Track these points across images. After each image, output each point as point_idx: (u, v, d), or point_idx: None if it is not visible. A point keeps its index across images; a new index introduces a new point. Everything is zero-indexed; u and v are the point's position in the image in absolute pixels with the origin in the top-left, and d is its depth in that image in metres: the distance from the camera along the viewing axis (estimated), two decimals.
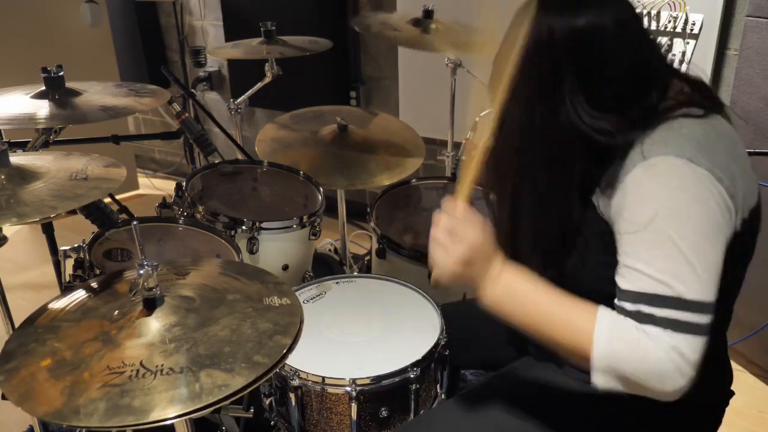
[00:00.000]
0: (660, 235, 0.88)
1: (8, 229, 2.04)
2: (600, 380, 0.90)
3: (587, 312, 0.92)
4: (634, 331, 0.88)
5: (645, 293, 0.88)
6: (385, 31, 2.09)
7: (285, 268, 1.78)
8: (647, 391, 0.88)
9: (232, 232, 1.67)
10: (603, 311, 0.91)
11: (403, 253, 1.70)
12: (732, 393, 1.15)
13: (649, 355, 0.86)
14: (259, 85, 2.27)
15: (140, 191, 3.73)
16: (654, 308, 0.87)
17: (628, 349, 0.87)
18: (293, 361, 1.26)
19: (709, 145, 0.92)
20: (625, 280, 0.91)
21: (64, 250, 1.56)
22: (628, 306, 0.89)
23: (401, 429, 1.26)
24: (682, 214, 0.88)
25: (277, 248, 1.75)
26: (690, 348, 0.86)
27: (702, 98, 0.98)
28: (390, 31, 2.09)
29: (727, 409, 1.15)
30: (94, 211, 1.64)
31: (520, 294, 0.97)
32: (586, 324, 0.91)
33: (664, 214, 0.89)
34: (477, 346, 1.43)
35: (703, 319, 0.86)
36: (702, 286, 0.87)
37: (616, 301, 0.92)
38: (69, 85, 1.64)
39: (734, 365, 2.18)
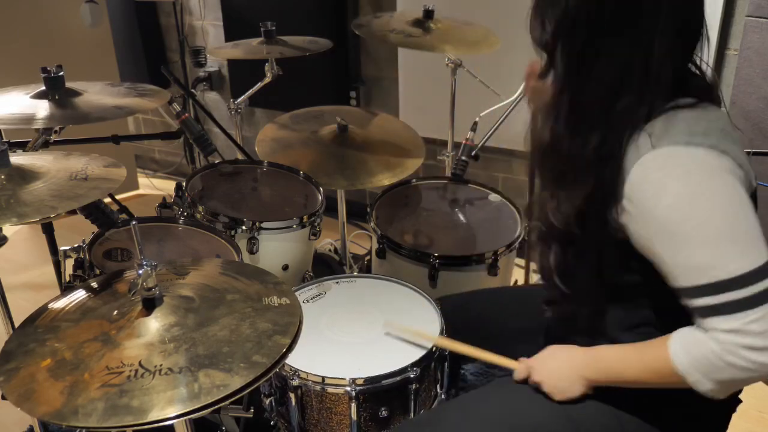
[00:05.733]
0: (684, 226, 0.88)
1: (8, 229, 2.05)
2: (707, 389, 0.92)
3: (657, 342, 0.97)
4: (700, 333, 0.91)
5: (698, 285, 0.89)
6: (386, 34, 2.09)
7: (285, 268, 1.78)
8: (739, 382, 0.91)
9: (232, 232, 1.67)
10: (673, 334, 0.95)
11: (403, 253, 1.70)
12: (739, 400, 1.14)
13: (710, 348, 0.89)
14: (259, 85, 2.27)
15: (140, 191, 3.73)
16: (709, 297, 0.88)
17: (704, 351, 0.90)
18: (293, 361, 1.26)
19: (702, 129, 0.91)
20: (677, 279, 0.92)
21: (64, 250, 1.56)
22: (695, 302, 0.90)
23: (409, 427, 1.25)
24: (696, 197, 0.88)
25: (277, 248, 1.75)
26: (750, 324, 0.86)
27: (696, 88, 0.98)
28: (391, 34, 2.09)
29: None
30: (94, 211, 1.64)
31: (606, 369, 1.05)
32: (660, 351, 0.95)
33: (680, 204, 0.89)
34: (476, 339, 1.42)
35: (753, 289, 0.86)
36: (742, 257, 0.87)
37: (683, 301, 0.93)
38: (69, 85, 1.64)
39: None
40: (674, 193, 0.88)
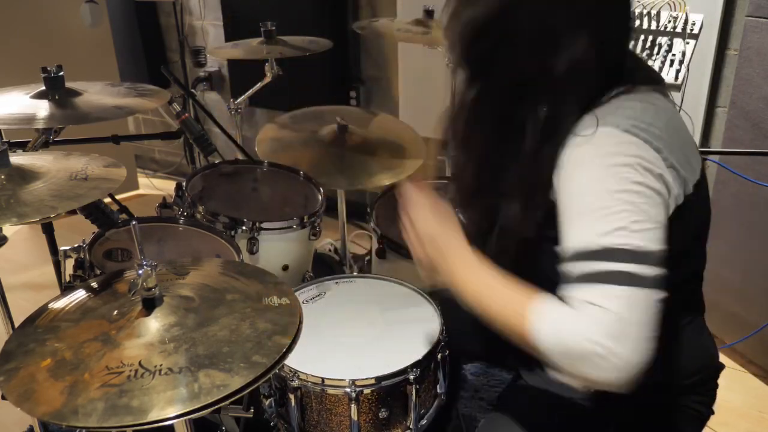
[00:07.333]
0: (586, 199, 0.87)
1: (8, 229, 2.04)
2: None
3: (528, 295, 0.88)
4: (562, 305, 0.83)
5: (576, 251, 0.85)
6: (390, 31, 2.10)
7: (285, 268, 1.78)
8: (582, 371, 0.79)
9: (233, 232, 1.67)
10: (544, 295, 0.86)
11: (403, 253, 1.69)
12: (722, 365, 1.14)
13: (570, 322, 0.80)
14: (259, 85, 2.27)
15: (140, 191, 3.73)
16: (581, 263, 0.83)
17: (561, 323, 0.81)
18: (293, 361, 1.25)
19: (647, 119, 0.92)
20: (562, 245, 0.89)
21: (64, 250, 1.56)
22: (568, 267, 0.85)
23: None
24: (606, 175, 0.87)
25: (277, 248, 1.75)
26: (617, 300, 0.78)
27: (642, 76, 1.00)
28: (393, 31, 2.09)
29: (726, 407, 1.14)
30: (94, 211, 1.64)
31: (476, 285, 0.97)
32: (525, 308, 0.86)
33: (589, 178, 0.88)
34: (474, 333, 1.41)
35: (640, 269, 0.80)
36: (629, 234, 0.82)
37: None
38: (69, 85, 1.64)
39: (734, 365, 2.19)
40: (588, 169, 0.89)
